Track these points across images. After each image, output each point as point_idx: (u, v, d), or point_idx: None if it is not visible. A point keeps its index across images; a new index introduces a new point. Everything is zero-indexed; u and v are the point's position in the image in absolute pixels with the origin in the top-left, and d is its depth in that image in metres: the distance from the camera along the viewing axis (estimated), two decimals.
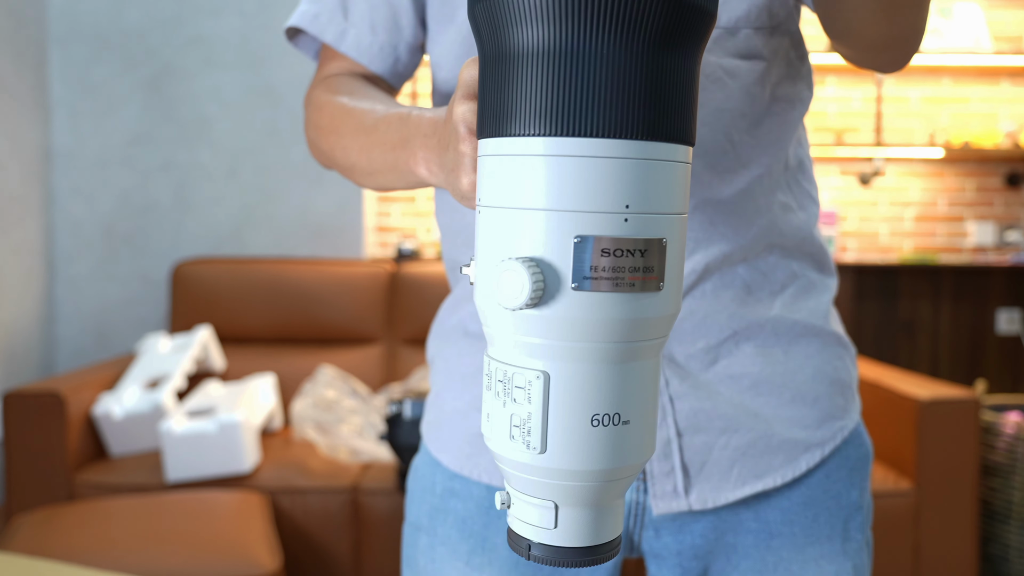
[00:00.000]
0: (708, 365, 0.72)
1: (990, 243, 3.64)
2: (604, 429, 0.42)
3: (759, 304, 0.73)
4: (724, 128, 0.70)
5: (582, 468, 0.43)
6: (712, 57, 0.69)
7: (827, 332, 0.77)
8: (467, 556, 0.75)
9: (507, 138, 0.42)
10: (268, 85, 3.08)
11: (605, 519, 0.45)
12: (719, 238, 0.71)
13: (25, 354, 2.90)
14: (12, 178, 2.83)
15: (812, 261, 0.78)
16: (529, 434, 0.43)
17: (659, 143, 0.41)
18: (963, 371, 3.65)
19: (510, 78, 0.42)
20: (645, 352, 0.43)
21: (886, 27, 0.62)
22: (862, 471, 0.78)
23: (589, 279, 0.40)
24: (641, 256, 0.41)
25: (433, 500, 0.78)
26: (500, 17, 0.42)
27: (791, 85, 0.75)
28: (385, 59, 0.79)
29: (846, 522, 0.76)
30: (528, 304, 0.40)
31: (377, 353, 2.82)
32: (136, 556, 1.77)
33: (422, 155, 0.61)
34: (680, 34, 0.41)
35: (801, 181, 0.78)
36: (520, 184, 0.41)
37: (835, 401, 0.76)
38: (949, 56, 3.38)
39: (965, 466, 2.16)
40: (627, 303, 0.41)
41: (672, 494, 0.72)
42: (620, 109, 0.40)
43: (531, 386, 0.42)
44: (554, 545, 0.44)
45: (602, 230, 0.40)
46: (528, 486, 0.44)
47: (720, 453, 0.72)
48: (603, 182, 0.40)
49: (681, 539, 0.74)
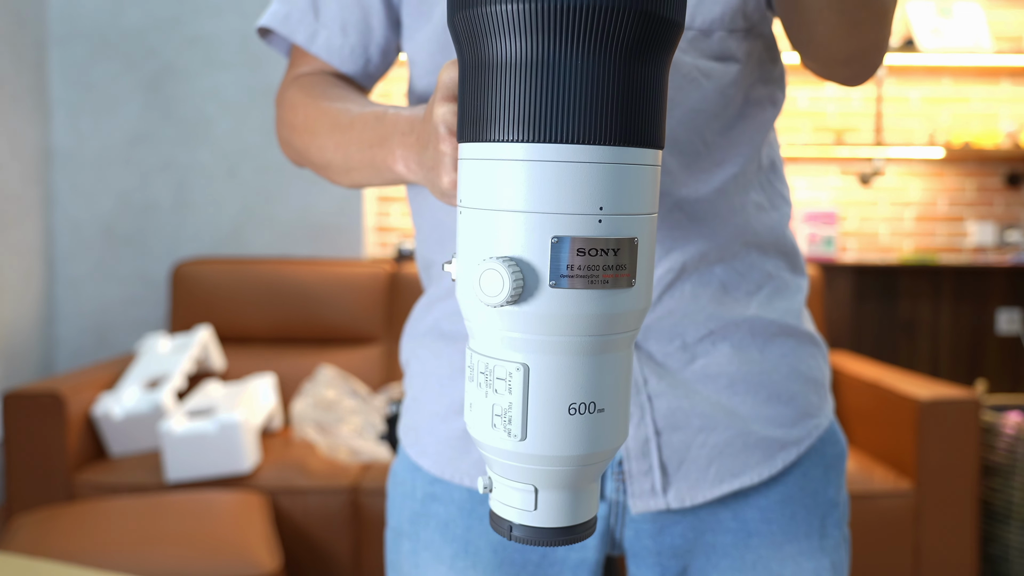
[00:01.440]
0: (686, 364, 0.73)
1: (990, 243, 3.63)
2: (580, 417, 0.45)
3: (736, 304, 0.74)
4: (699, 129, 0.71)
5: (560, 454, 0.45)
6: (687, 58, 0.69)
7: (801, 331, 0.78)
8: (451, 560, 0.75)
9: (487, 143, 0.44)
10: (268, 85, 3.08)
11: (582, 501, 0.48)
12: (695, 237, 0.72)
13: (25, 354, 2.90)
14: (12, 178, 2.83)
15: (786, 261, 0.79)
16: (510, 423, 0.45)
17: (630, 148, 0.43)
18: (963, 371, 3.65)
19: (489, 85, 0.44)
20: (618, 344, 0.46)
21: (848, 42, 0.64)
22: (838, 468, 0.80)
23: (566, 277, 0.43)
24: (614, 255, 0.43)
25: (414, 505, 0.78)
26: (479, 28, 0.44)
27: (763, 87, 0.76)
28: (356, 60, 0.79)
29: (823, 519, 0.77)
30: (508, 301, 0.43)
31: (377, 353, 2.82)
32: (136, 556, 1.77)
33: (400, 153, 0.62)
34: (650, 45, 0.43)
35: (773, 181, 0.79)
36: (500, 187, 0.44)
37: (810, 399, 0.77)
38: (949, 56, 3.38)
39: (965, 466, 2.16)
40: (601, 299, 0.44)
41: (650, 492, 0.72)
42: (594, 116, 0.42)
43: (511, 377, 0.45)
44: (534, 526, 0.47)
45: (577, 231, 0.43)
46: (509, 471, 0.47)
47: (698, 451, 0.73)
48: (578, 185, 0.42)
49: (660, 540, 0.74)
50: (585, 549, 0.74)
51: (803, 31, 0.65)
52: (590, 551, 0.74)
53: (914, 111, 3.63)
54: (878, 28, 0.63)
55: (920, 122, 3.63)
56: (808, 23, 0.63)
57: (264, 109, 3.08)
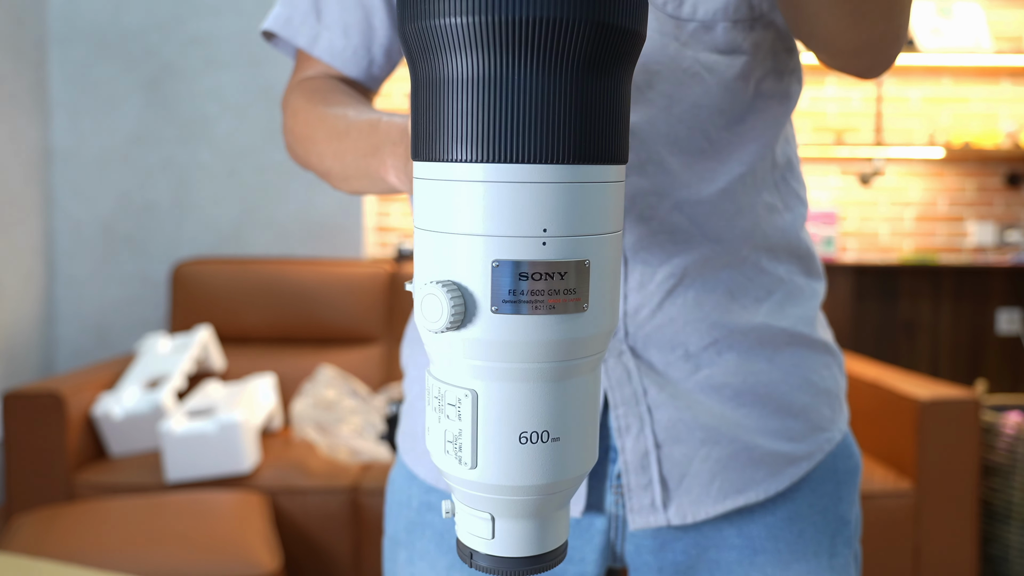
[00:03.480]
0: (689, 374, 0.69)
1: (990, 243, 3.63)
2: (533, 446, 0.43)
3: (744, 311, 0.70)
4: (702, 125, 0.67)
5: (511, 484, 0.43)
6: (689, 52, 0.66)
7: (814, 340, 0.74)
8: (446, 571, 0.74)
9: (431, 162, 0.42)
10: (268, 85, 3.07)
11: (546, 530, 0.46)
12: (698, 240, 0.68)
13: (25, 354, 2.90)
14: (12, 178, 2.83)
15: (800, 264, 0.75)
16: (460, 450, 0.44)
17: (578, 166, 0.41)
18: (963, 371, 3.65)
19: (430, 102, 0.42)
20: (576, 370, 0.43)
21: (854, 34, 0.61)
22: (850, 484, 0.76)
23: (508, 303, 0.41)
24: (560, 278, 0.41)
25: (410, 514, 0.77)
26: (426, 41, 0.42)
27: (777, 80, 0.71)
28: (359, 63, 0.78)
29: (833, 537, 0.73)
30: (448, 327, 0.41)
31: (377, 353, 2.82)
32: (136, 556, 1.77)
33: (391, 163, 0.60)
34: (603, 58, 0.41)
35: (789, 180, 0.75)
36: (442, 208, 0.42)
37: (822, 412, 0.74)
38: (949, 56, 3.38)
39: (965, 466, 2.16)
40: (549, 325, 0.41)
41: (650, 508, 0.70)
42: (534, 135, 0.40)
43: (461, 404, 0.43)
44: (494, 555, 0.45)
45: (519, 254, 0.40)
46: (466, 498, 0.45)
47: (700, 466, 0.69)
48: (519, 207, 0.40)
49: (662, 556, 0.72)
50: (584, 563, 0.73)
51: (804, 24, 0.62)
52: (589, 565, 0.73)
53: (914, 111, 3.63)
54: (887, 20, 0.60)
55: (920, 122, 3.63)
56: (809, 16, 0.60)
57: (264, 109, 3.08)
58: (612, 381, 0.68)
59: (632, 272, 0.68)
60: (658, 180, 0.66)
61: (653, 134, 0.66)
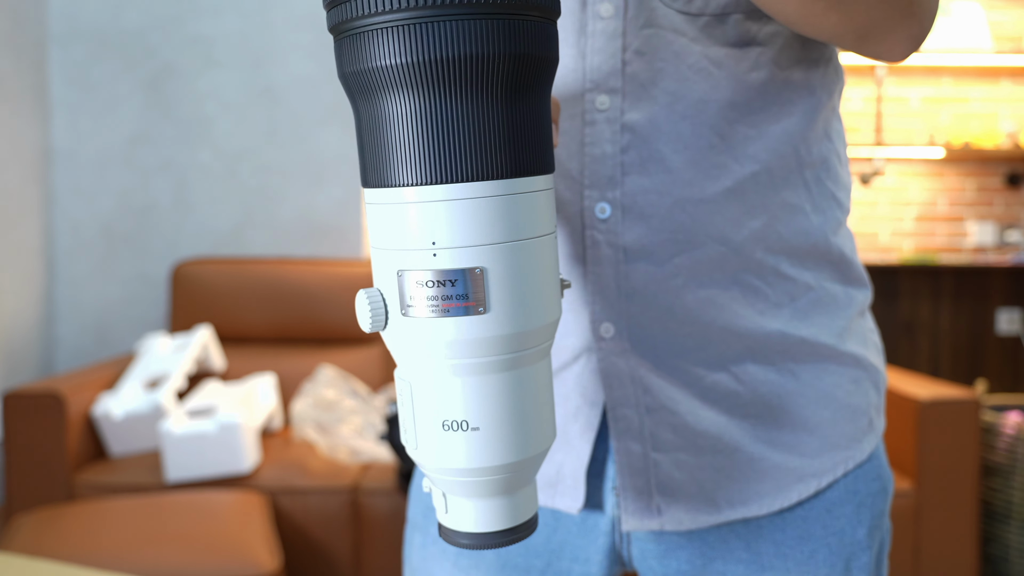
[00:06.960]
0: (693, 379, 0.67)
1: (990, 243, 3.63)
2: (453, 434, 0.48)
3: (759, 316, 0.67)
4: (710, 120, 0.64)
5: (438, 466, 0.49)
6: (696, 47, 0.64)
7: (841, 352, 0.69)
8: (455, 557, 0.75)
9: (366, 188, 0.49)
10: (268, 85, 3.07)
11: (488, 511, 0.51)
12: (702, 240, 0.65)
13: (25, 354, 2.90)
14: (12, 178, 2.83)
15: (832, 270, 0.70)
16: (406, 432, 0.50)
17: (460, 184, 0.45)
18: (963, 371, 3.65)
19: (359, 134, 0.48)
20: (490, 367, 0.48)
21: (836, 19, 0.58)
22: (873, 507, 0.71)
23: (410, 306, 0.47)
24: (452, 285, 0.46)
25: (427, 499, 0.78)
26: (362, 84, 0.47)
27: (804, 70, 0.67)
28: None
29: (848, 561, 0.69)
30: (372, 328, 0.48)
31: (377, 353, 2.82)
32: (136, 556, 1.77)
33: None
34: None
35: (825, 181, 0.70)
36: (370, 227, 0.49)
37: (841, 429, 0.70)
38: (949, 56, 3.38)
39: (965, 466, 2.16)
40: (447, 327, 0.46)
41: (644, 511, 0.68)
42: (413, 160, 0.45)
43: (402, 393, 0.50)
44: (448, 527, 0.51)
45: (414, 265, 0.46)
46: (426, 475, 0.52)
47: (699, 473, 0.67)
48: (410, 224, 0.46)
49: (666, 563, 0.70)
50: (589, 563, 0.72)
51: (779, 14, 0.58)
52: (594, 565, 0.72)
53: (914, 111, 3.63)
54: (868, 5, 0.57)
55: (920, 122, 3.63)
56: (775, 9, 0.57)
57: (264, 109, 3.08)
58: (611, 381, 0.68)
59: (633, 271, 0.66)
60: (658, 178, 0.65)
61: (654, 132, 0.65)
